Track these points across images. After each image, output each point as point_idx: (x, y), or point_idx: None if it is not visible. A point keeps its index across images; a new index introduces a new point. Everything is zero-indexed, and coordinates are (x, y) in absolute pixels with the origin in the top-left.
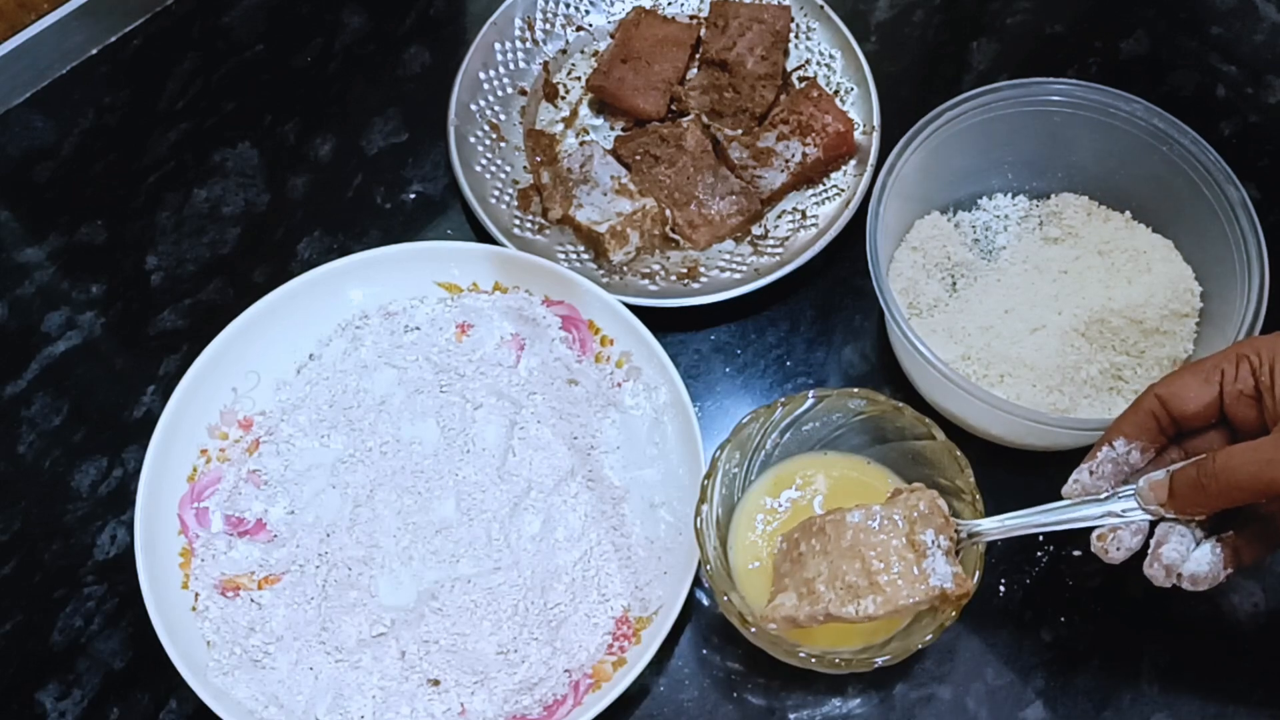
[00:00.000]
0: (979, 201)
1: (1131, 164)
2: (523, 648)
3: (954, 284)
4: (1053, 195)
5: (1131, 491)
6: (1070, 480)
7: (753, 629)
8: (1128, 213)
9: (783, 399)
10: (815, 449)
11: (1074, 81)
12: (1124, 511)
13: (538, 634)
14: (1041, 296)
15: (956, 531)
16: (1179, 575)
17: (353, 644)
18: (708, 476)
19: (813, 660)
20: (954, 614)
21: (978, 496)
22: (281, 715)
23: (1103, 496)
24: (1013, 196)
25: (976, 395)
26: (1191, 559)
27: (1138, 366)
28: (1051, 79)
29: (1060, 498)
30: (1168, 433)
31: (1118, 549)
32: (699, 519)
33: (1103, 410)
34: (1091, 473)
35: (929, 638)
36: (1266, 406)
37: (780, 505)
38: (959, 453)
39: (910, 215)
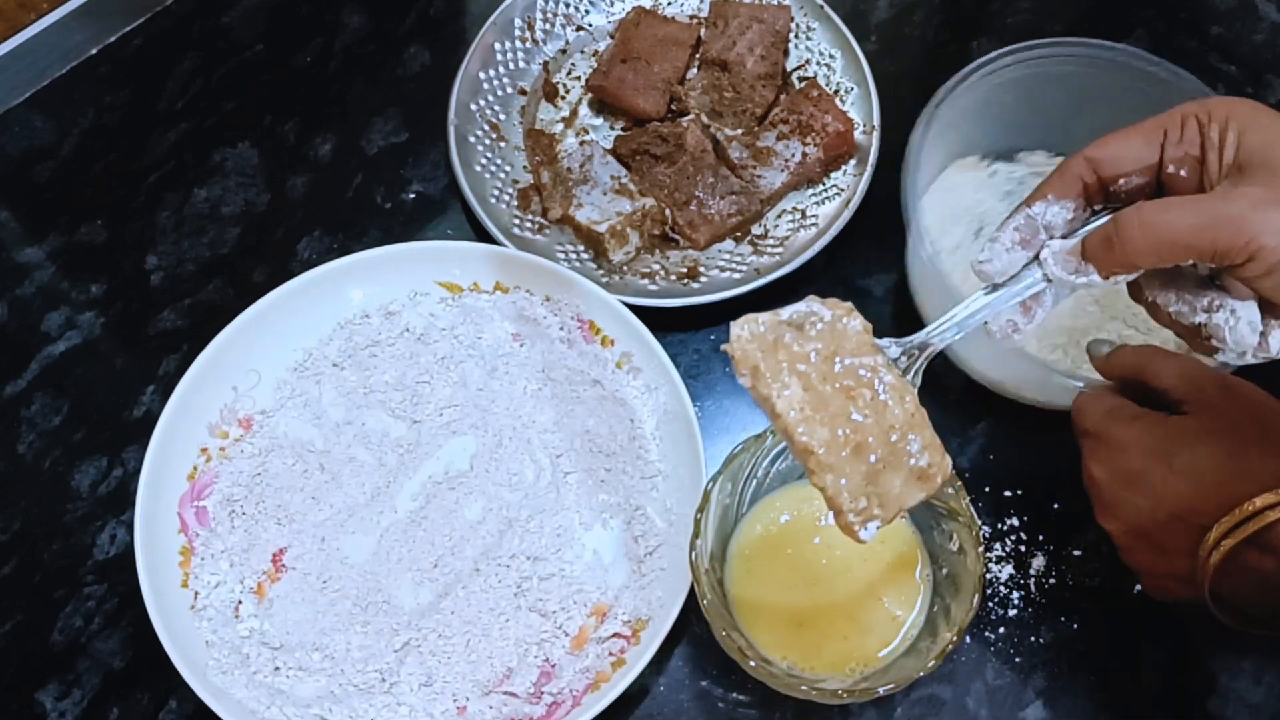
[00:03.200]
0: (1018, 155)
1: None
2: (522, 648)
3: (978, 231)
4: None
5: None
6: (988, 242)
7: (752, 663)
8: None
9: (772, 427)
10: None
11: (1126, 47)
12: (1040, 279)
13: (538, 634)
14: None
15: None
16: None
17: (353, 644)
18: (700, 510)
19: (813, 693)
20: (954, 639)
21: (975, 519)
22: (281, 715)
23: (1021, 270)
24: (1053, 156)
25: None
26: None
27: (1144, 340)
28: (1109, 42)
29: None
30: (1094, 201)
31: (1029, 323)
32: (694, 553)
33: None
34: (1013, 237)
35: (931, 664)
36: (1209, 166)
37: (776, 533)
38: (952, 469)
39: (945, 159)
